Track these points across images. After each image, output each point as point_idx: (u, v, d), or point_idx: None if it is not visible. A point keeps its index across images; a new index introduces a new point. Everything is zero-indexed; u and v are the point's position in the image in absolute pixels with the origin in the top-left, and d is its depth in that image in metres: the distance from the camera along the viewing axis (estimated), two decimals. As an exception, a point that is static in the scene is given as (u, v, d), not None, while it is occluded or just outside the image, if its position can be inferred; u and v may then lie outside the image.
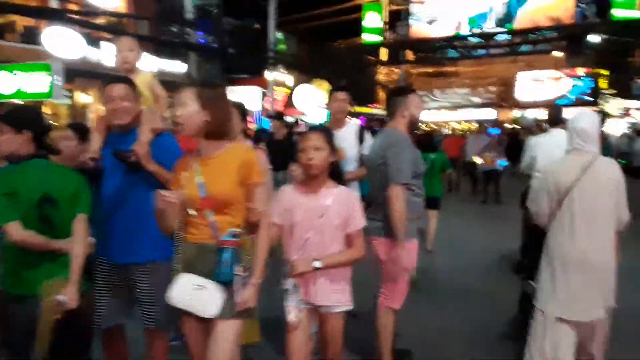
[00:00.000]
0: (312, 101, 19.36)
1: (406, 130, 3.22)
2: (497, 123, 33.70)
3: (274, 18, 16.31)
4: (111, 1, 13.38)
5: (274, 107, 18.34)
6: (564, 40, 21.02)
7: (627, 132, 27.48)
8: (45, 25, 11.23)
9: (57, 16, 11.09)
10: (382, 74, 32.50)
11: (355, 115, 29.06)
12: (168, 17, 15.97)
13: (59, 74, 9.72)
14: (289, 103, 19.82)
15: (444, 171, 7.03)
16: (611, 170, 2.97)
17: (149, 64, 14.20)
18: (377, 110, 32.11)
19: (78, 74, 12.11)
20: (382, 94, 33.95)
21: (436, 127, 35.46)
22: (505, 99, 35.62)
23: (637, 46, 21.79)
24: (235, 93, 17.56)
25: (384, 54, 24.29)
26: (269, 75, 16.90)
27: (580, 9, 19.44)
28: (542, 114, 32.02)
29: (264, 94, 17.42)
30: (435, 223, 6.89)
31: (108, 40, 13.21)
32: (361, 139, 3.93)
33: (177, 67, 15.02)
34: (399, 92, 3.34)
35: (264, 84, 17.48)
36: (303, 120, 22.08)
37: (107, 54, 12.93)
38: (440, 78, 36.83)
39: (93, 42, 12.82)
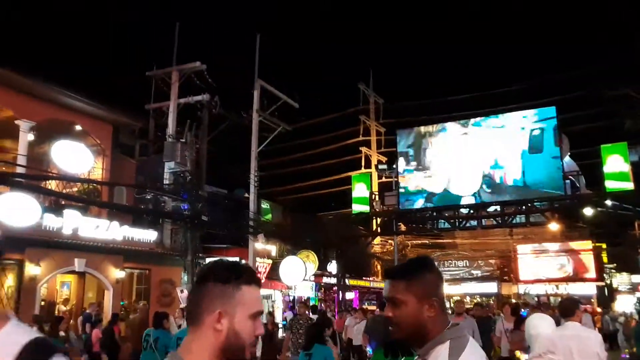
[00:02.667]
0: (298, 274, 18.18)
1: None
2: (499, 298, 32.18)
3: (255, 186, 15.88)
4: (83, 167, 12.86)
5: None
6: (556, 213, 20.36)
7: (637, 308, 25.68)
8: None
9: (16, 183, 10.50)
10: (377, 245, 31.76)
11: (349, 288, 27.72)
12: (148, 184, 15.56)
13: (-5, 243, 8.68)
14: (271, 274, 18.62)
15: None
16: None
17: (116, 232, 13.35)
18: (374, 283, 30.76)
19: (30, 244, 11.16)
20: (378, 266, 32.87)
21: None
22: (505, 272, 34.44)
23: (636, 218, 21.11)
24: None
25: (376, 224, 23.71)
26: (250, 244, 15.96)
27: (570, 181, 19.09)
28: (546, 289, 30.60)
29: (242, 265, 16.24)
30: None
31: (73, 207, 12.53)
32: None
33: (148, 235, 14.14)
34: (213, 276, 1.48)
35: (245, 254, 16.44)
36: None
37: (69, 223, 12.12)
38: (437, 250, 36.04)
39: (55, 209, 12.12)
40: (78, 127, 14.35)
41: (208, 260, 16.59)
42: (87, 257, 12.47)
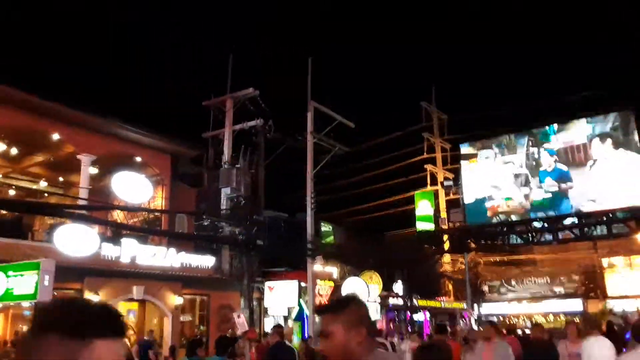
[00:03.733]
0: (361, 296, 17.72)
1: None
2: (585, 316, 29.91)
3: (312, 208, 15.70)
4: (144, 197, 13.23)
5: (317, 301, 16.79)
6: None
7: None
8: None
9: (74, 215, 10.89)
10: (447, 264, 30.57)
11: (419, 308, 26.76)
12: (205, 211, 15.78)
13: (49, 273, 9.00)
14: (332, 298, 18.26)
15: None
16: None
17: (174, 259, 13.57)
18: (445, 303, 29.54)
19: (89, 273, 11.54)
20: (449, 286, 31.58)
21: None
22: (591, 288, 32.00)
23: None
24: (272, 288, 16.42)
25: (445, 242, 22.78)
26: (309, 267, 15.72)
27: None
28: (637, 306, 28.11)
29: (302, 288, 16.06)
30: None
31: (130, 236, 12.89)
32: None
33: (205, 261, 14.29)
34: (55, 323, 1.00)
35: (304, 277, 16.23)
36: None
37: (127, 251, 12.45)
38: (512, 267, 34.14)
39: (113, 238, 12.50)
40: (138, 159, 14.87)
41: (268, 284, 16.56)
42: (146, 284, 12.75)
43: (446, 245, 22.97)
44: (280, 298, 16.23)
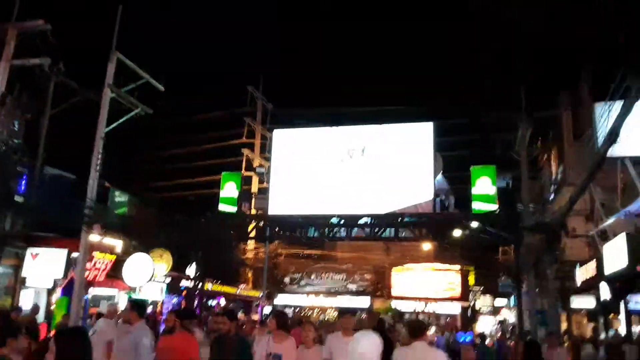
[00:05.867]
0: (145, 274, 16.37)
1: None
2: (370, 311, 32.11)
3: (96, 170, 13.85)
4: None
5: (89, 277, 14.97)
6: (427, 231, 20.11)
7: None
8: None
9: None
10: (250, 251, 30.41)
11: (215, 294, 26.02)
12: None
13: None
14: (112, 273, 16.53)
15: None
16: None
17: None
18: (242, 290, 29.24)
19: None
20: (249, 274, 31.42)
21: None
22: (379, 288, 34.51)
23: (497, 242, 21.50)
24: (35, 255, 14.21)
25: (250, 229, 22.23)
26: (83, 236, 13.81)
27: (440, 200, 18.90)
28: (415, 307, 30.90)
29: (70, 259, 14.15)
30: None
31: None
32: None
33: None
34: None
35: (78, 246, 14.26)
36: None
37: None
38: (314, 261, 35.36)
39: None
40: None
41: (31, 250, 14.30)
42: None
43: (252, 233, 22.39)
44: (45, 268, 14.10)
